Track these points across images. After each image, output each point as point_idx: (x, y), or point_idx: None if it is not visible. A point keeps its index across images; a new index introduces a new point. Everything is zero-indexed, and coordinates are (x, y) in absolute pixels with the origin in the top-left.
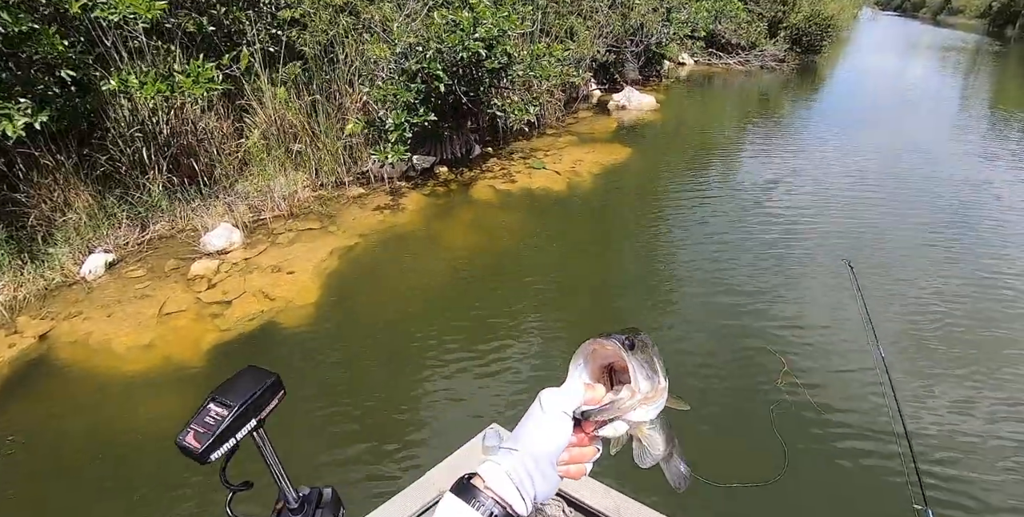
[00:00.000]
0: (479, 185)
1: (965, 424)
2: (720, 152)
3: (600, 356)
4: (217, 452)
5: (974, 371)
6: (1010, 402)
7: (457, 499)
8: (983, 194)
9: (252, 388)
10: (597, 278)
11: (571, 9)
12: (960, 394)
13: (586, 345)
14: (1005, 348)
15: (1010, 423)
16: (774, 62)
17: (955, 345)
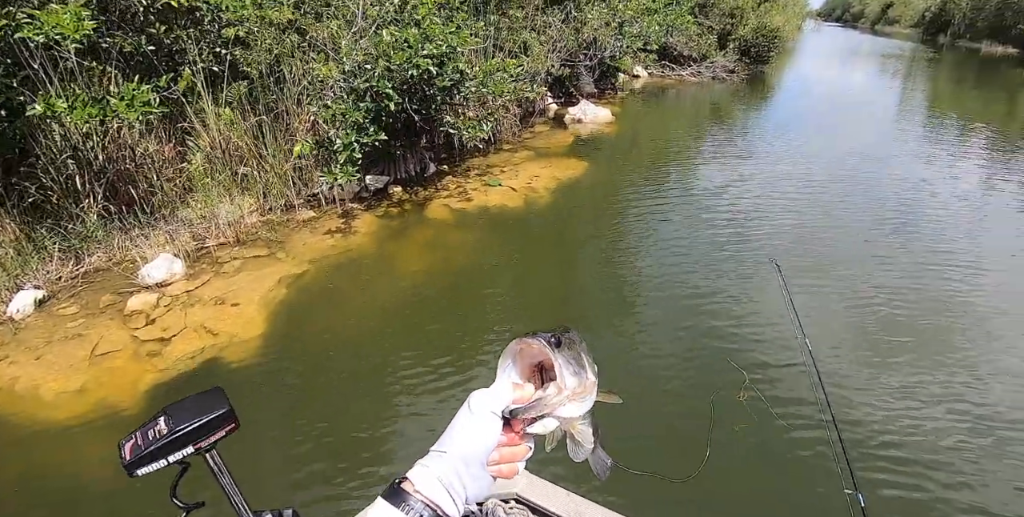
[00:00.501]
0: (434, 204)
1: (891, 410)
2: (674, 161)
3: (527, 355)
4: (145, 469)
5: (900, 360)
6: (933, 386)
7: (387, 504)
8: (920, 192)
9: (199, 415)
10: (556, 292)
11: (524, 24)
12: (886, 381)
13: (513, 345)
14: (930, 336)
15: (934, 406)
16: (725, 73)
17: (882, 335)
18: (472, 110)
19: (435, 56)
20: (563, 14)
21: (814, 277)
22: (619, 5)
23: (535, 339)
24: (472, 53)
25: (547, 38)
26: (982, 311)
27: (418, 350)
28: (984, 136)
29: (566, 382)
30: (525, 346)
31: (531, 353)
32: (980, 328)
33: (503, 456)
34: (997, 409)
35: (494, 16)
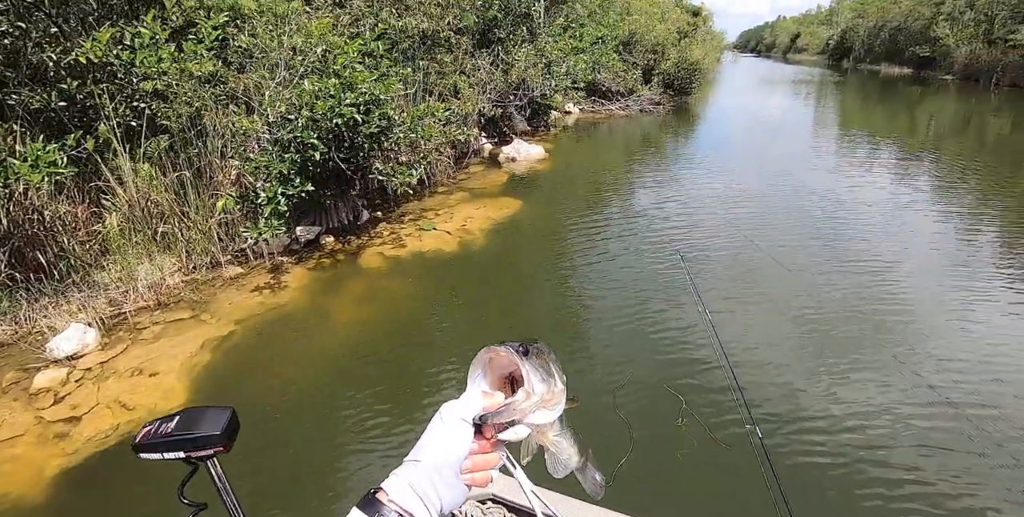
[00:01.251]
0: (368, 253)
1: (786, 375)
2: (606, 192)
3: (497, 365)
4: (147, 455)
5: (789, 333)
6: (819, 349)
7: (362, 514)
8: (836, 202)
9: (193, 429)
10: (494, 331)
11: (454, 68)
12: (780, 352)
13: (482, 354)
14: (819, 322)
15: (817, 363)
16: (651, 105)
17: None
18: (405, 155)
19: (359, 104)
20: (491, 56)
21: (730, 286)
22: (546, 46)
23: (503, 347)
24: (402, 98)
25: (477, 80)
26: (890, 303)
27: (359, 405)
28: (889, 148)
29: (534, 388)
30: (494, 354)
31: (500, 363)
32: (888, 319)
33: (476, 464)
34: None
35: (423, 61)
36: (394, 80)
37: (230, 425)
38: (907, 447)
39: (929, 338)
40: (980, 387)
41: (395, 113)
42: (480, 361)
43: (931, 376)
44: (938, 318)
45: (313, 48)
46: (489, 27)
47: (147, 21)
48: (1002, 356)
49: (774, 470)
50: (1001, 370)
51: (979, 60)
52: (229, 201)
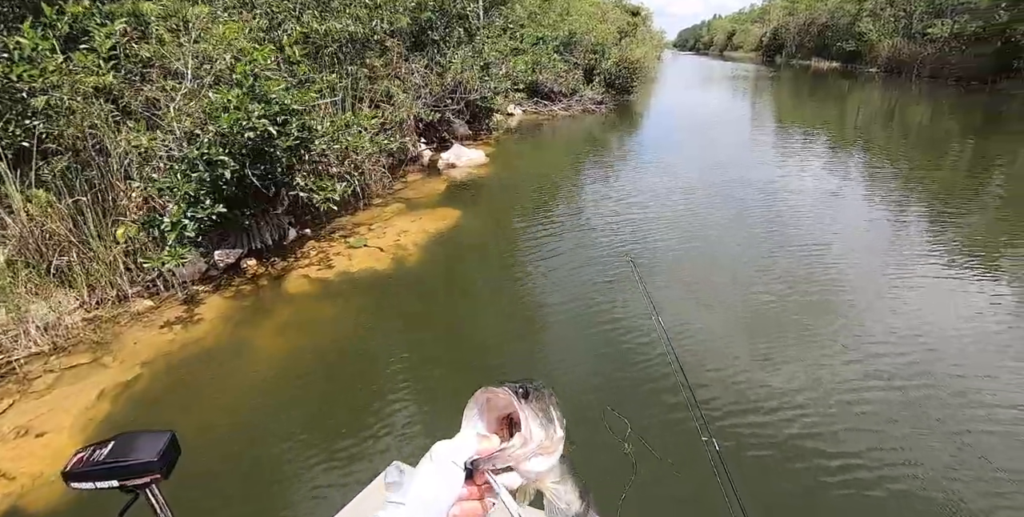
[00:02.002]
0: (293, 276)
1: (736, 373)
2: (549, 193)
3: (494, 406)
4: (78, 484)
5: (740, 331)
6: (771, 351)
7: None
8: (775, 190)
9: (126, 456)
10: (430, 350)
11: (386, 72)
12: (730, 350)
13: (479, 394)
14: (763, 308)
15: (770, 367)
16: (594, 105)
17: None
18: (335, 166)
19: (271, 115)
20: (426, 59)
21: (673, 275)
22: (484, 48)
23: (502, 388)
24: (331, 106)
25: (411, 85)
26: (828, 285)
27: (291, 447)
28: (821, 138)
29: (532, 434)
30: (492, 395)
31: (498, 404)
32: (831, 300)
33: (464, 511)
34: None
35: (352, 66)
36: (318, 87)
37: (168, 451)
38: (861, 431)
39: (865, 317)
40: (916, 358)
41: (318, 123)
42: (477, 401)
43: (870, 355)
44: (871, 296)
45: (222, 55)
46: (423, 29)
47: (25, 30)
48: (929, 325)
49: (729, 475)
50: (934, 341)
51: (901, 54)
52: (131, 229)
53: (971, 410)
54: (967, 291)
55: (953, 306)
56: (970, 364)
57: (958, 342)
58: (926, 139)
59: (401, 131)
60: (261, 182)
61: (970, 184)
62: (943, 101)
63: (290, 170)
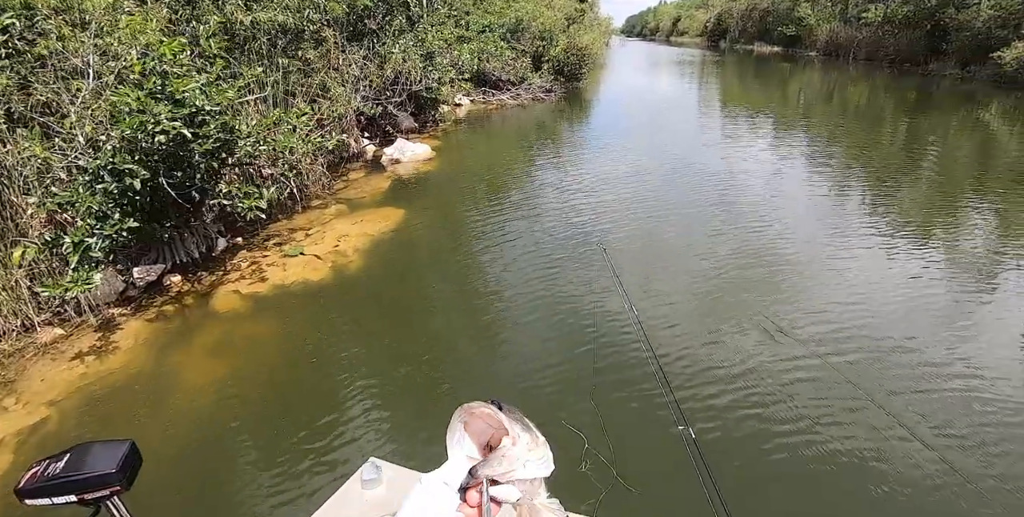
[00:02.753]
0: (222, 292)
1: (708, 358)
2: (502, 187)
3: (476, 432)
4: (34, 501)
5: (708, 316)
6: (740, 335)
7: None
8: (726, 170)
9: (84, 468)
10: (388, 361)
11: (322, 65)
12: (702, 337)
13: (457, 414)
14: (742, 293)
15: (741, 351)
16: (543, 93)
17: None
18: (268, 168)
19: (185, 116)
20: (365, 50)
21: (641, 257)
22: (427, 36)
23: (477, 402)
24: (260, 103)
25: (350, 77)
26: (780, 259)
27: (230, 485)
28: (766, 119)
29: (519, 435)
30: (469, 416)
31: (477, 428)
32: (788, 274)
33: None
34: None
35: (283, 59)
36: (244, 83)
37: (128, 461)
38: (816, 402)
39: (811, 289)
40: (858, 328)
41: (242, 122)
42: (458, 421)
43: (817, 328)
44: (816, 268)
45: (128, 51)
46: (361, 17)
47: None
48: (868, 295)
49: (705, 460)
50: (873, 309)
51: (838, 37)
52: (30, 250)
53: (909, 372)
54: (902, 260)
55: (890, 275)
56: (907, 330)
57: (896, 309)
58: (863, 118)
59: (340, 127)
60: (179, 191)
61: (904, 160)
62: (878, 82)
63: (212, 176)
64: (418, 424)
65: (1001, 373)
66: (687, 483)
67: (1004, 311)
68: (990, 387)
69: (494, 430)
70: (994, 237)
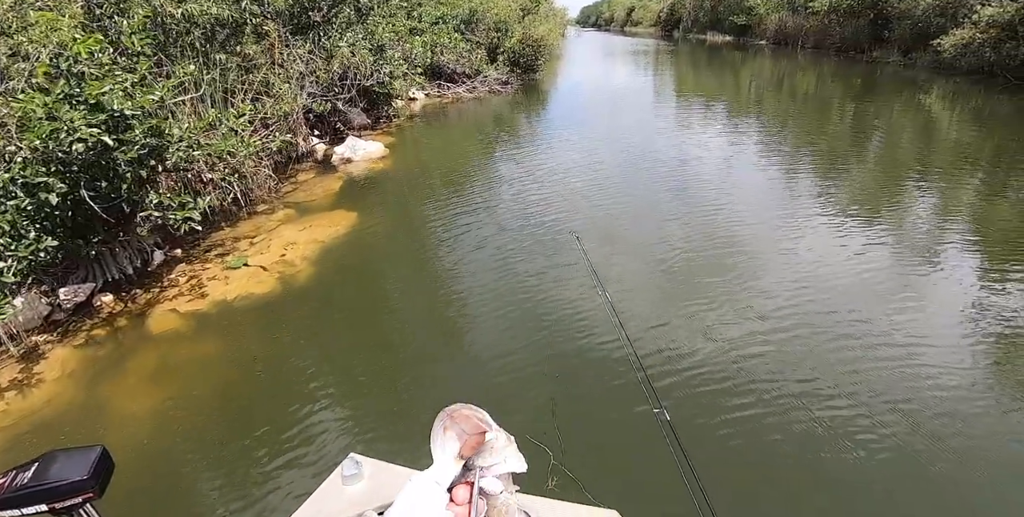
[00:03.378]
0: (159, 311)
1: (680, 342)
2: (459, 184)
3: (455, 434)
4: (4, 512)
5: (679, 301)
6: (710, 319)
7: None
8: (682, 156)
9: (55, 476)
10: (338, 373)
11: (263, 60)
12: (673, 321)
13: (439, 419)
14: (700, 276)
15: (711, 333)
16: (499, 85)
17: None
18: (209, 173)
19: (104, 122)
20: (310, 44)
21: (608, 246)
22: (377, 28)
23: (454, 405)
24: (197, 103)
25: (295, 73)
26: (740, 240)
27: None
28: (719, 107)
29: (500, 432)
30: (449, 415)
31: (455, 431)
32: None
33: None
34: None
35: (220, 55)
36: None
37: (100, 466)
38: (776, 377)
39: (769, 267)
40: (810, 306)
41: (174, 126)
42: (440, 425)
43: (774, 308)
44: (770, 251)
45: (39, 49)
46: (305, 9)
47: None
48: (819, 275)
49: (680, 441)
50: (825, 287)
51: (787, 27)
52: None
53: (856, 344)
54: (851, 239)
55: (841, 254)
56: (855, 306)
57: (847, 287)
58: (812, 104)
59: (287, 126)
60: (104, 203)
61: (851, 144)
62: (826, 69)
63: (142, 185)
64: (390, 422)
65: (939, 342)
66: (656, 453)
67: (945, 284)
68: (929, 356)
69: (467, 435)
70: (934, 215)
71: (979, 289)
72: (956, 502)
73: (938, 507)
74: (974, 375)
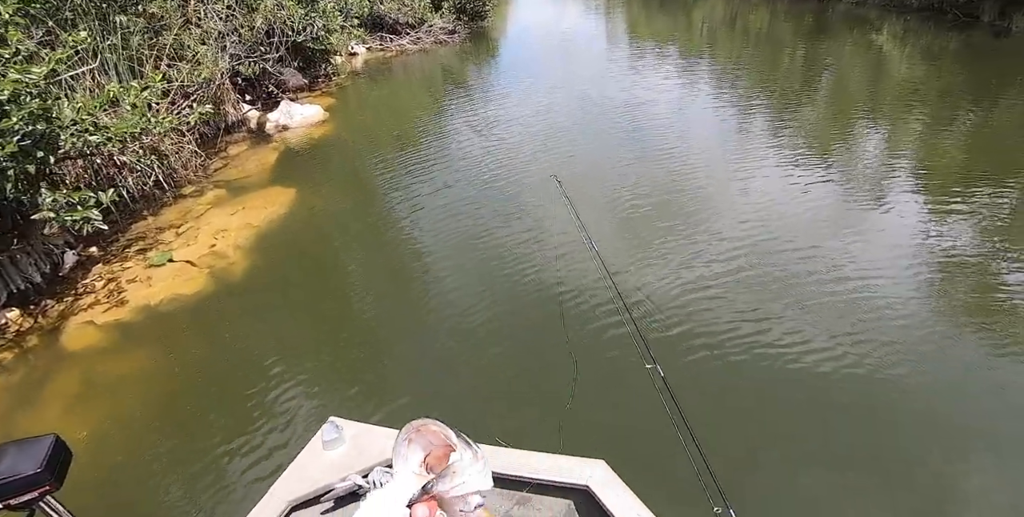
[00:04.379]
0: (74, 325)
1: (668, 286)
2: (410, 139)
3: (420, 446)
4: None
5: (661, 241)
6: (696, 260)
7: None
8: (637, 98)
9: (10, 470)
10: (290, 379)
11: (175, 19)
12: (658, 262)
13: (404, 431)
14: (682, 218)
15: (696, 274)
16: (446, 35)
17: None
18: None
19: None
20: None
21: (585, 188)
22: None
23: (422, 419)
24: (99, 74)
25: (213, 33)
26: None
27: None
28: (673, 50)
29: (465, 451)
30: (416, 428)
31: (421, 442)
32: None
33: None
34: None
35: (122, 17)
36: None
37: (54, 458)
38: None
39: (730, 206)
40: (768, 242)
41: (65, 107)
42: (403, 442)
43: (737, 250)
44: (729, 187)
45: None
46: None
47: None
48: (779, 205)
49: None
50: (781, 223)
51: None
52: None
53: (812, 278)
54: (804, 176)
55: (794, 192)
56: (809, 241)
57: (802, 223)
58: (764, 44)
59: (209, 94)
60: None
61: (803, 82)
62: (778, 8)
63: (31, 181)
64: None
65: (888, 272)
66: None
67: (894, 216)
68: (879, 286)
69: (434, 446)
70: (885, 150)
71: (926, 221)
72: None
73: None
74: None
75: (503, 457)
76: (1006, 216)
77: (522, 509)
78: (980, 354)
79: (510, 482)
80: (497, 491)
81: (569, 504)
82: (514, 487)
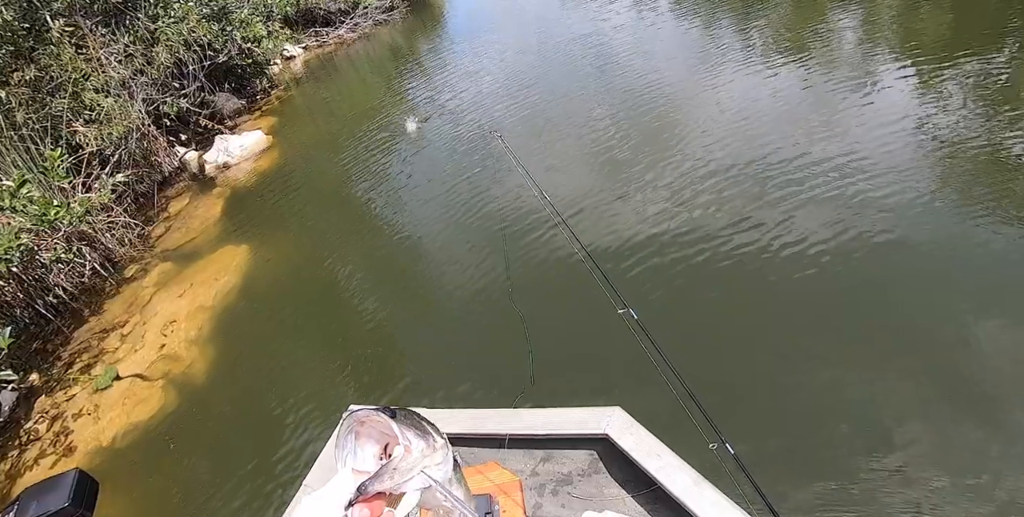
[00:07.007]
0: (14, 490)
1: (622, 226)
2: (369, 142)
3: (370, 438)
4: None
5: (613, 182)
6: (649, 196)
7: None
8: (592, 41)
9: (37, 510)
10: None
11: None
12: (610, 203)
13: (347, 423)
14: (641, 141)
15: (651, 210)
16: (384, 14)
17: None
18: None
19: None
20: (130, 35)
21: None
22: None
23: (363, 409)
24: None
25: (114, 79)
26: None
27: None
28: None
29: (412, 443)
30: (359, 420)
31: (372, 434)
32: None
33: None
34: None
35: None
36: None
37: (80, 489)
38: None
39: (699, 117)
40: (743, 145)
41: None
42: (348, 435)
43: (712, 157)
44: (700, 100)
45: None
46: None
47: None
48: (758, 112)
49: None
50: (756, 125)
51: None
52: None
53: (788, 178)
54: (776, 77)
55: (766, 92)
56: (783, 139)
57: (776, 122)
58: None
59: (132, 149)
60: None
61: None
62: None
63: None
64: None
65: (878, 165)
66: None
67: (877, 105)
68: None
69: (389, 437)
70: (857, 44)
71: (910, 102)
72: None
73: None
74: None
75: (523, 418)
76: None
77: (547, 465)
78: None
79: (532, 441)
80: (521, 452)
81: (592, 453)
82: (536, 445)
